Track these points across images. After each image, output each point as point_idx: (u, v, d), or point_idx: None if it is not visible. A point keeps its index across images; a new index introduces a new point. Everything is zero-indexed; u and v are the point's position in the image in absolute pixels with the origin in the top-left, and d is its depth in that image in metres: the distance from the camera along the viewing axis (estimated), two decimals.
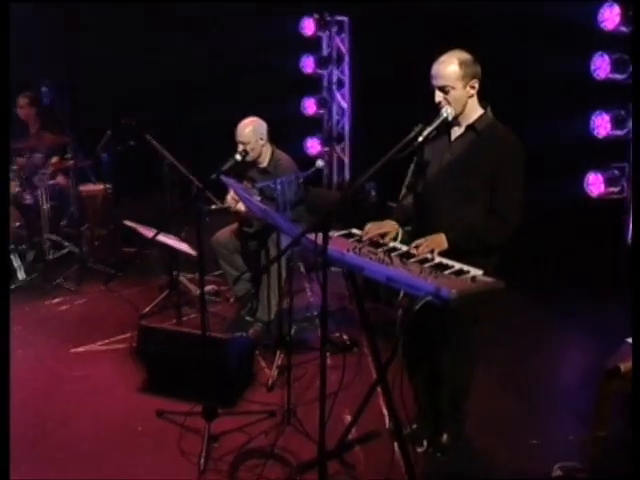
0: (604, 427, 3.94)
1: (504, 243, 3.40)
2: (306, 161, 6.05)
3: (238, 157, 4.33)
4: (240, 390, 4.49)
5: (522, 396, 4.51)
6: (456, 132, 3.44)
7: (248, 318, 5.51)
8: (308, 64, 7.96)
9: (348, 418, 4.03)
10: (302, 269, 5.45)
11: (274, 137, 5.38)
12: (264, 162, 5.39)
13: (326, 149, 8.58)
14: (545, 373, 4.80)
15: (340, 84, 8.32)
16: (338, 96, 8.38)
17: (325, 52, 8.15)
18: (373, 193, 7.62)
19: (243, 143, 5.22)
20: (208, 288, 6.16)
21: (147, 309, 5.78)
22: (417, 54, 6.49)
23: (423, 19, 6.96)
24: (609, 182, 6.08)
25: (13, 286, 6.40)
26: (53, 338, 5.43)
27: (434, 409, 3.91)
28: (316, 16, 7.71)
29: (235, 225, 5.56)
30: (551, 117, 6.14)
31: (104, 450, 3.95)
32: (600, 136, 6.03)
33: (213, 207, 5.49)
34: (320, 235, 2.93)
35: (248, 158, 5.16)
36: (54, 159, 7.08)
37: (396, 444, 3.68)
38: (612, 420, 3.88)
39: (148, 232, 5.51)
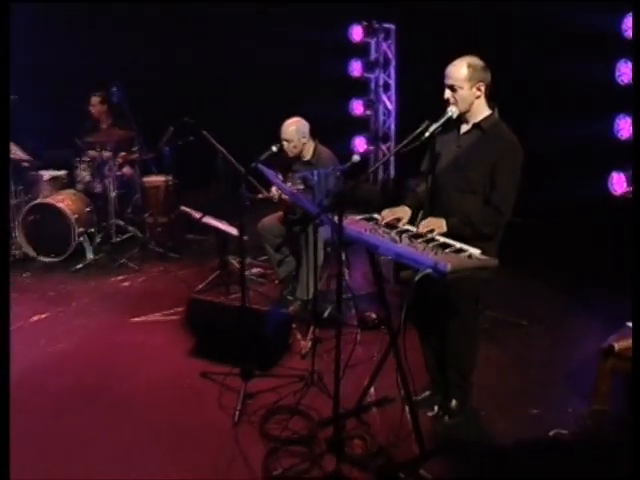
0: (601, 402, 4.30)
1: (494, 232, 3.79)
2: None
3: (274, 148, 4.81)
4: (276, 357, 4.97)
5: (529, 373, 4.88)
6: (464, 129, 3.87)
7: (289, 297, 5.99)
8: (356, 68, 8.43)
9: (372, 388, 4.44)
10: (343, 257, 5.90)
11: (324, 135, 5.86)
12: (307, 156, 5.88)
13: (372, 147, 9.02)
14: (554, 354, 5.13)
15: (386, 87, 8.75)
16: (384, 98, 8.82)
17: (373, 57, 8.59)
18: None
19: (287, 140, 5.75)
20: (255, 271, 6.71)
21: (199, 286, 6.31)
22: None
23: (465, 27, 7.33)
24: (631, 181, 6.36)
25: (81, 264, 7.04)
26: (115, 310, 6.04)
27: (443, 378, 4.32)
28: (364, 23, 8.17)
29: (281, 212, 6.05)
30: (579, 119, 6.47)
31: (155, 402, 4.51)
32: (623, 138, 6.33)
33: (260, 196, 5.99)
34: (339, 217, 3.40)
35: (290, 154, 5.69)
36: (122, 152, 7.67)
37: (407, 407, 4.07)
38: (610, 396, 4.24)
39: (216, 223, 6.10)
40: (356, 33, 8.23)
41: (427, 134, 3.57)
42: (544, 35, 6.73)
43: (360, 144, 8.91)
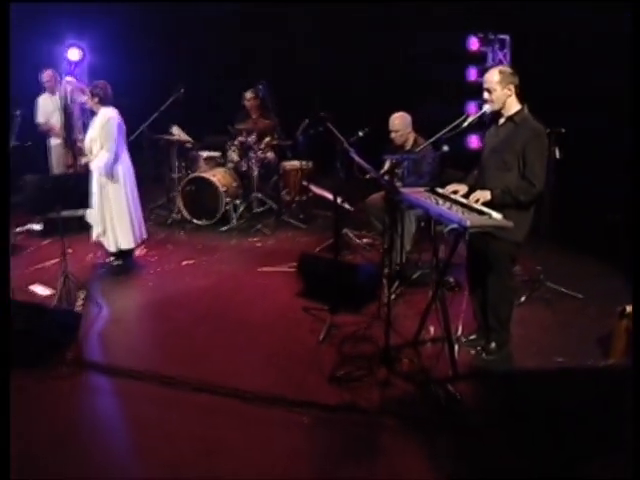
0: (617, 356, 5.11)
1: (530, 200, 4.79)
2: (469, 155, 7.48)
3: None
4: (363, 302, 6.13)
5: (568, 334, 5.71)
6: (501, 122, 4.93)
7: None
8: (472, 73, 9.39)
9: (432, 329, 5.53)
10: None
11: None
12: (408, 145, 7.01)
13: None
14: (596, 321, 5.83)
15: None
16: None
17: (489, 64, 9.50)
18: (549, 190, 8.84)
19: (394, 131, 6.92)
20: (365, 240, 7.91)
21: (316, 249, 7.58)
22: (567, 67, 7.85)
23: (572, 36, 8.12)
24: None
25: (226, 227, 8.56)
26: (247, 261, 7.52)
27: (486, 324, 5.35)
28: (480, 35, 9.13)
29: (384, 191, 7.20)
30: None
31: (265, 325, 5.91)
32: None
33: (367, 177, 7.17)
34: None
35: (397, 142, 6.87)
36: (267, 139, 9.11)
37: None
38: (624, 353, 5.02)
39: (322, 192, 7.36)
40: (473, 43, 9.19)
41: (465, 124, 4.67)
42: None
43: (473, 141, 9.84)
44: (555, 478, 3.99)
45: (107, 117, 6.65)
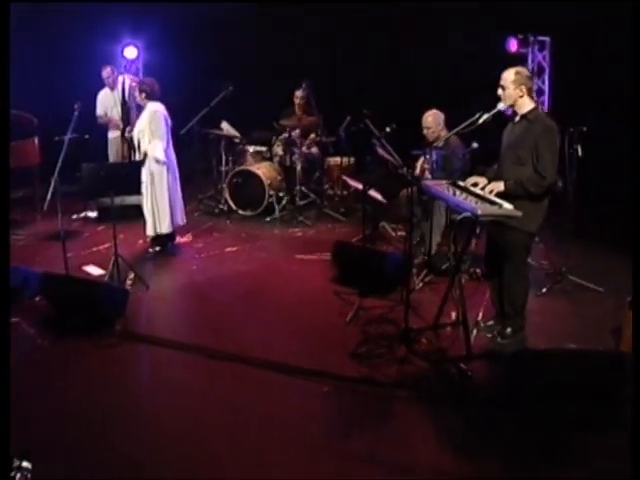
0: (626, 345, 5.38)
1: (540, 192, 5.15)
2: None
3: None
4: (392, 288, 6.55)
5: (582, 324, 5.98)
6: (516, 120, 5.30)
7: (422, 251, 7.54)
8: None
9: (453, 315, 5.90)
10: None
11: (481, 132, 7.19)
12: (441, 143, 7.39)
13: None
14: (613, 313, 6.03)
15: (540, 92, 9.92)
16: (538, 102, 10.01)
17: (530, 66, 9.80)
18: (560, 184, 9.10)
19: (427, 128, 7.34)
20: (400, 233, 8.32)
21: (353, 240, 8.03)
22: (607, 68, 8.13)
23: (613, 40, 8.38)
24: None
25: (269, 218, 9.08)
26: (287, 249, 8.05)
27: (503, 310, 5.72)
28: (520, 37, 9.44)
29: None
30: None
31: (297, 306, 6.42)
32: None
33: (400, 171, 7.58)
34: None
35: (429, 139, 7.27)
36: (312, 135, 9.59)
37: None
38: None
39: (356, 184, 7.80)
40: (512, 45, 9.50)
41: (480, 121, 5.08)
42: None
43: None
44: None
45: (153, 110, 7.23)
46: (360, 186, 7.41)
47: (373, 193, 7.77)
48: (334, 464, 4.14)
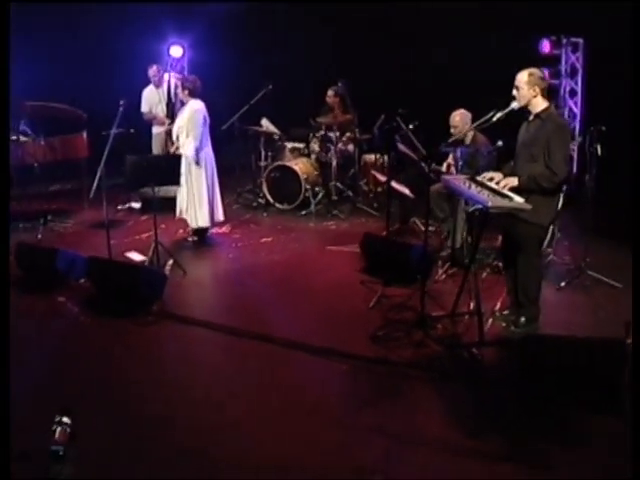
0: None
1: (552, 187, 5.47)
2: None
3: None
4: (414, 278, 6.89)
5: (595, 317, 6.25)
6: (530, 119, 5.63)
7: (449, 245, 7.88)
8: (544, 75, 9.93)
9: (472, 305, 6.21)
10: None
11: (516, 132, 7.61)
12: (467, 141, 7.74)
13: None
14: (626, 305, 6.20)
15: (573, 93, 10.17)
16: (571, 103, 10.23)
17: (562, 67, 10.04)
18: (592, 184, 9.28)
19: (454, 126, 7.66)
20: (430, 228, 8.65)
21: (383, 233, 8.38)
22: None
23: None
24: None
25: (305, 212, 9.51)
26: (319, 241, 8.50)
27: (517, 300, 6.04)
28: (553, 38, 9.70)
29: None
30: None
31: (324, 293, 6.84)
32: None
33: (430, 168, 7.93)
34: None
35: (457, 137, 7.57)
36: (347, 133, 9.99)
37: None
38: None
39: (383, 177, 8.18)
40: (545, 46, 9.76)
41: (494, 119, 5.43)
42: None
43: None
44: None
45: (194, 109, 7.73)
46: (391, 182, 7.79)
47: (400, 187, 8.15)
48: (345, 433, 4.55)
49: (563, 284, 6.90)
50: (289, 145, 10.14)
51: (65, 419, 4.24)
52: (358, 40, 10.86)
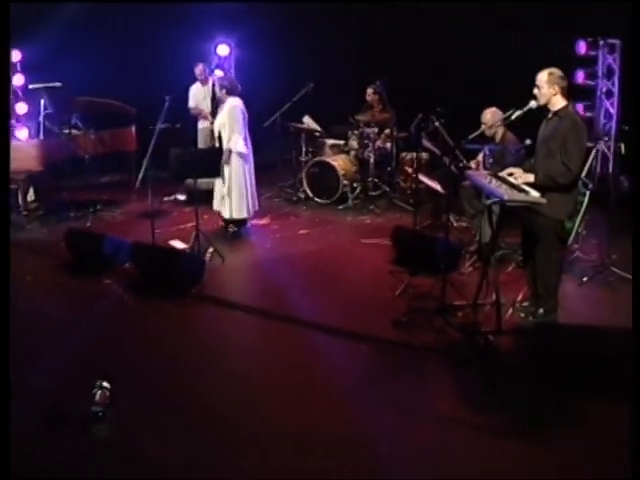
0: None
1: (567, 183, 5.77)
2: None
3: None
4: (440, 269, 7.23)
5: (616, 311, 6.37)
6: (549, 116, 5.94)
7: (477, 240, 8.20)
8: (580, 76, 10.14)
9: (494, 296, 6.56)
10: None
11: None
12: (497, 139, 8.05)
13: (591, 145, 10.59)
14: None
15: (609, 94, 10.33)
16: (607, 104, 10.40)
17: (599, 68, 10.21)
18: (626, 183, 9.46)
19: (484, 123, 7.98)
20: (463, 224, 9.00)
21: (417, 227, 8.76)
22: None
23: None
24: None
25: (342, 206, 9.94)
26: (354, 233, 8.94)
27: (536, 292, 6.36)
28: (589, 39, 9.91)
29: None
30: None
31: (355, 282, 7.28)
32: None
33: (460, 165, 8.26)
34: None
35: (487, 134, 7.90)
36: (386, 130, 10.36)
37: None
38: None
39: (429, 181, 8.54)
40: (581, 47, 9.96)
41: (513, 117, 5.77)
42: None
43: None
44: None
45: (232, 105, 8.23)
46: (423, 178, 8.18)
47: (432, 184, 8.49)
48: (360, 407, 4.97)
49: (585, 279, 7.16)
50: (329, 142, 10.57)
51: (105, 384, 4.78)
52: (401, 39, 11.20)
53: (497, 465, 4.37)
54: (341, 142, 10.61)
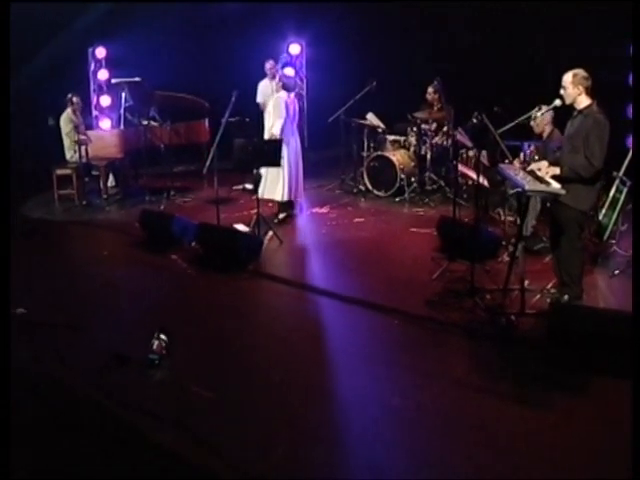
0: None
1: (590, 176, 6.35)
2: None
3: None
4: (480, 256, 7.87)
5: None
6: (574, 114, 6.55)
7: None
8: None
9: (526, 283, 7.17)
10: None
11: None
12: (545, 136, 8.62)
13: None
14: None
15: None
16: None
17: None
18: None
19: (532, 120, 8.59)
20: (510, 219, 9.58)
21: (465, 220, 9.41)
22: None
23: None
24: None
25: (399, 198, 10.73)
26: (405, 223, 9.70)
27: (562, 279, 6.95)
28: None
29: None
30: None
31: (398, 265, 8.07)
32: None
33: (506, 162, 8.87)
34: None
35: (536, 131, 8.50)
36: (444, 128, 11.03)
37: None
38: None
39: (467, 171, 9.18)
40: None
41: (539, 114, 6.43)
42: None
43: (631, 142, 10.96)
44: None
45: (278, 96, 9.33)
46: (470, 173, 8.82)
47: (474, 176, 9.09)
48: (382, 369, 5.78)
49: (617, 272, 7.65)
50: (390, 138, 11.32)
51: (162, 336, 5.70)
52: (460, 40, 11.84)
53: (496, 423, 5.06)
54: (401, 138, 11.33)
